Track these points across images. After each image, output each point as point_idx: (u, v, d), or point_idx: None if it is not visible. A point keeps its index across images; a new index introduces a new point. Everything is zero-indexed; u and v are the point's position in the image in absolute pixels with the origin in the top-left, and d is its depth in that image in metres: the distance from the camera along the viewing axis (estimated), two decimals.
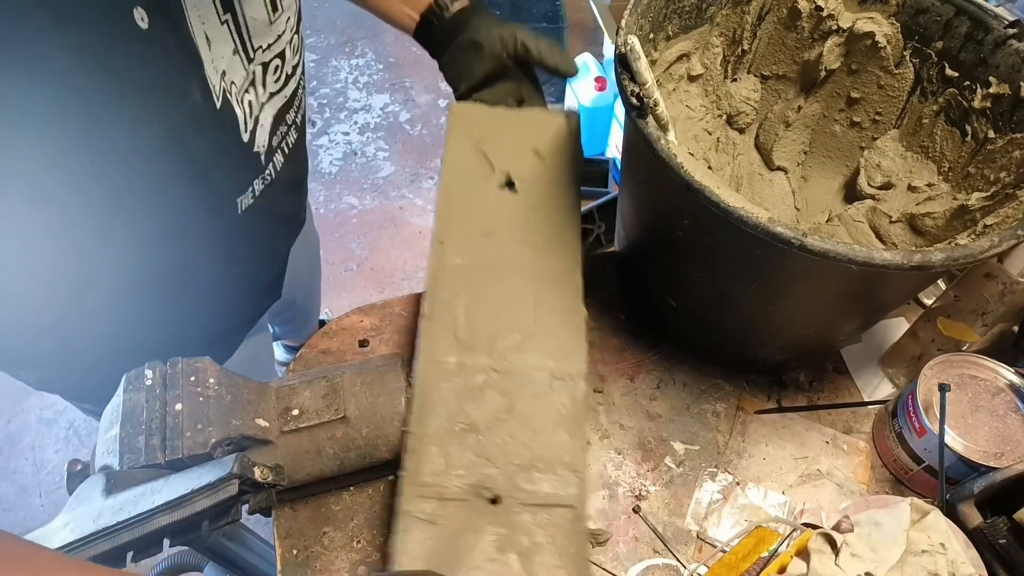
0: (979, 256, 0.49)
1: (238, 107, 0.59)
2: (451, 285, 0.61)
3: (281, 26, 0.62)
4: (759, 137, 0.81)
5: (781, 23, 0.72)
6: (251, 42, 0.58)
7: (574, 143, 0.72)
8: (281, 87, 0.65)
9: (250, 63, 0.59)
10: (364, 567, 0.59)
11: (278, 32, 0.62)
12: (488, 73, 0.74)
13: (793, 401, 0.72)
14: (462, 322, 0.59)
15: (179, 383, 0.52)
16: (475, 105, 0.73)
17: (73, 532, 0.44)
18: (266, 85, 0.63)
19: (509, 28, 0.72)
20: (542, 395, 0.56)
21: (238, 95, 0.59)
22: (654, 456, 0.67)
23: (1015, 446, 0.60)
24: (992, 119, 0.63)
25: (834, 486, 0.66)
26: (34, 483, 1.57)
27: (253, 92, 0.61)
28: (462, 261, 0.63)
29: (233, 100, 0.58)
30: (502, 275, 0.63)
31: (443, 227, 0.65)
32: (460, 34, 0.73)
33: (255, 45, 0.59)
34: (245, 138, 0.62)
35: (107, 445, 0.50)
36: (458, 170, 0.69)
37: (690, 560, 0.61)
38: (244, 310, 0.83)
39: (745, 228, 0.49)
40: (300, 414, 0.55)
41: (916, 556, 0.51)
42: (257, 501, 0.51)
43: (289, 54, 0.65)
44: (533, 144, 0.71)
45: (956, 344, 0.69)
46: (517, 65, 0.74)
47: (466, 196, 0.67)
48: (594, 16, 1.96)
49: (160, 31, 0.48)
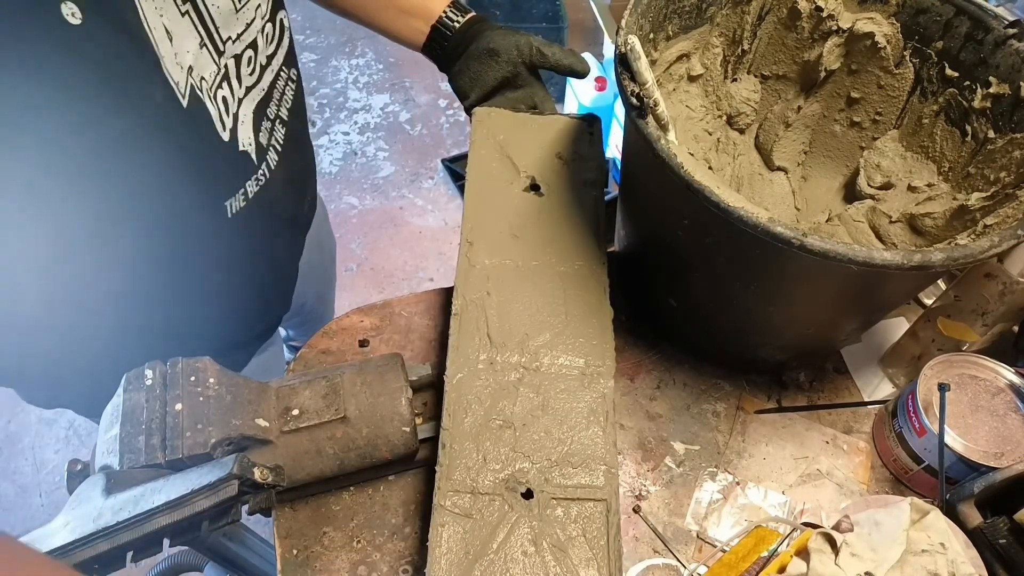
0: (979, 256, 0.49)
1: (211, 104, 0.56)
2: (481, 285, 0.63)
3: (249, 14, 0.59)
4: (759, 137, 0.81)
5: (781, 23, 0.72)
6: (219, 33, 0.55)
7: (596, 147, 0.74)
8: (257, 80, 0.63)
9: (220, 56, 0.56)
10: (364, 567, 0.59)
11: (247, 20, 0.59)
12: (501, 80, 0.75)
13: (793, 401, 0.72)
14: (494, 321, 0.61)
15: (179, 383, 0.52)
16: (498, 110, 0.76)
17: (73, 532, 0.44)
18: (241, 79, 0.60)
19: (524, 36, 0.74)
20: (573, 392, 0.59)
21: (210, 91, 0.56)
22: (654, 456, 0.67)
23: (1015, 446, 0.60)
24: (992, 119, 0.63)
25: (834, 486, 0.66)
26: (34, 483, 1.58)
27: (228, 87, 0.58)
28: (490, 261, 0.65)
29: (205, 97, 0.55)
30: (530, 275, 0.65)
31: (471, 228, 0.67)
32: (473, 43, 0.74)
33: (223, 36, 0.56)
34: (225, 137, 0.59)
35: (107, 445, 0.50)
36: (483, 173, 0.71)
37: (690, 560, 0.61)
38: (252, 321, 0.81)
39: (745, 228, 0.49)
40: (300, 414, 0.55)
41: (916, 556, 0.51)
42: (257, 501, 0.51)
43: (262, 43, 0.62)
44: (556, 148, 0.74)
45: (956, 344, 0.69)
46: (530, 72, 0.76)
47: (492, 198, 0.70)
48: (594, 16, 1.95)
49: (98, 26, 0.44)
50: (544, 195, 0.70)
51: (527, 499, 0.54)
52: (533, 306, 0.63)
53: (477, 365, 0.59)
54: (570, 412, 0.58)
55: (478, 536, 0.52)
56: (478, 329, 0.61)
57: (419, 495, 0.62)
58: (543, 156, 0.73)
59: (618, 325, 0.64)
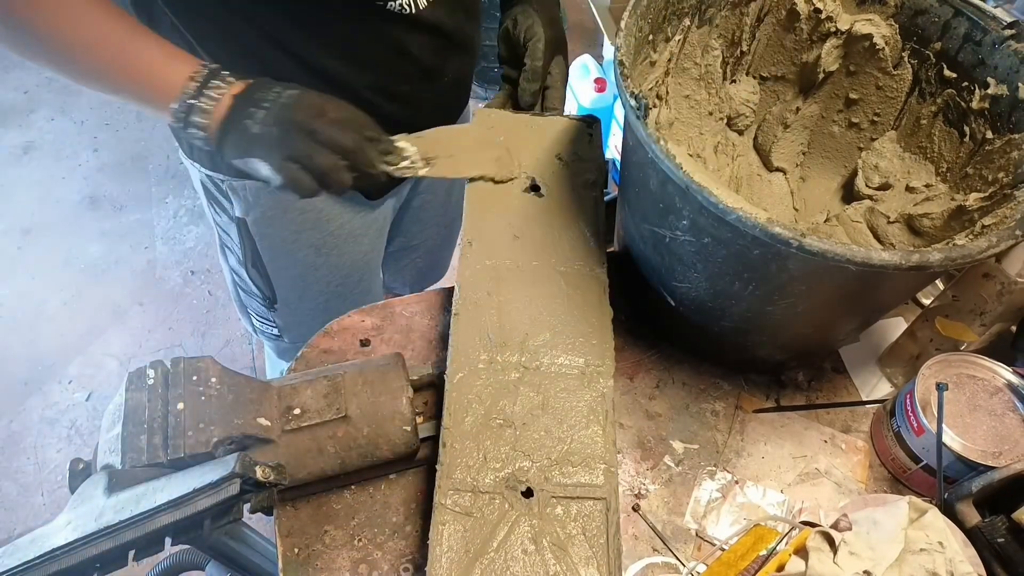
0: (977, 256, 0.49)
1: None
2: (481, 285, 0.64)
3: None
4: (758, 138, 0.81)
5: (780, 25, 0.73)
6: None
7: (595, 148, 0.75)
8: None
9: None
10: (365, 565, 0.59)
11: None
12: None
13: (792, 400, 0.72)
14: (494, 321, 0.62)
15: (181, 382, 0.52)
16: (498, 111, 0.76)
17: (75, 531, 0.45)
18: None
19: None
20: (573, 391, 0.59)
21: None
22: (653, 455, 0.67)
23: (1013, 445, 0.60)
24: (990, 120, 0.63)
25: (832, 485, 0.66)
26: (36, 482, 1.58)
27: None
28: (491, 262, 0.66)
29: None
30: (530, 275, 0.65)
31: (471, 229, 0.67)
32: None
33: None
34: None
35: (109, 444, 0.50)
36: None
37: (689, 558, 0.61)
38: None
39: (744, 228, 0.49)
40: (302, 413, 0.55)
41: (914, 555, 0.51)
42: (259, 500, 0.51)
43: None
44: (556, 149, 0.74)
45: (954, 344, 0.69)
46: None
47: (493, 199, 0.70)
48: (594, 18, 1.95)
49: None
50: (544, 196, 0.71)
51: (527, 498, 0.54)
52: (533, 306, 0.63)
53: (477, 364, 0.59)
54: (570, 411, 0.58)
55: (479, 534, 0.52)
56: (478, 329, 0.61)
57: (420, 494, 0.62)
58: (543, 157, 0.73)
59: (617, 325, 0.64)
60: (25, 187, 2.14)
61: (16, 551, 0.43)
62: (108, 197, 2.13)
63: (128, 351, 1.79)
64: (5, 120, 2.31)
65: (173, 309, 1.89)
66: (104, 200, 2.12)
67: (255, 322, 1.00)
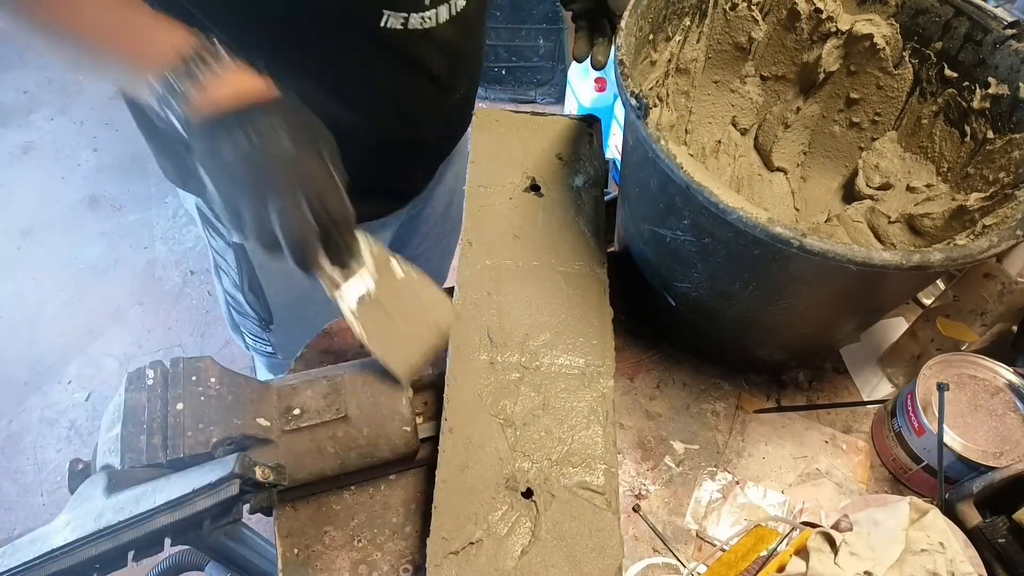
0: (978, 256, 0.49)
1: None
2: (481, 285, 0.64)
3: None
4: (758, 138, 0.81)
5: (781, 25, 0.72)
6: None
7: (596, 148, 0.75)
8: None
9: None
10: (365, 566, 0.59)
11: None
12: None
13: (792, 400, 0.72)
14: (494, 321, 0.62)
15: (180, 382, 0.52)
16: (498, 111, 0.76)
17: (75, 531, 0.44)
18: None
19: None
20: (573, 391, 0.59)
21: None
22: (654, 455, 0.67)
23: (1014, 446, 0.60)
24: (991, 119, 0.63)
25: (833, 485, 0.66)
26: (36, 482, 1.58)
27: None
28: (491, 262, 0.65)
29: None
30: (530, 276, 0.65)
31: (471, 229, 0.67)
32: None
33: None
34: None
35: (108, 444, 0.50)
36: (484, 174, 0.72)
37: (690, 559, 0.61)
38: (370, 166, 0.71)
39: (744, 228, 0.49)
40: (301, 413, 0.55)
41: (915, 555, 0.51)
42: (258, 500, 0.51)
43: None
44: (556, 149, 0.74)
45: (955, 344, 0.69)
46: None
47: (493, 199, 0.70)
48: None
49: None
50: (544, 195, 0.71)
51: (527, 498, 0.54)
52: (533, 306, 0.63)
53: (478, 365, 0.59)
54: (570, 411, 0.58)
55: (479, 535, 0.52)
56: (479, 329, 0.61)
57: (420, 494, 0.62)
58: (543, 157, 0.73)
59: (618, 325, 0.64)
60: (25, 187, 2.14)
61: (16, 551, 0.43)
62: (108, 197, 2.13)
63: (128, 351, 1.79)
64: (5, 120, 2.31)
65: (173, 309, 1.89)
66: (104, 200, 2.12)
67: (248, 339, 0.98)
